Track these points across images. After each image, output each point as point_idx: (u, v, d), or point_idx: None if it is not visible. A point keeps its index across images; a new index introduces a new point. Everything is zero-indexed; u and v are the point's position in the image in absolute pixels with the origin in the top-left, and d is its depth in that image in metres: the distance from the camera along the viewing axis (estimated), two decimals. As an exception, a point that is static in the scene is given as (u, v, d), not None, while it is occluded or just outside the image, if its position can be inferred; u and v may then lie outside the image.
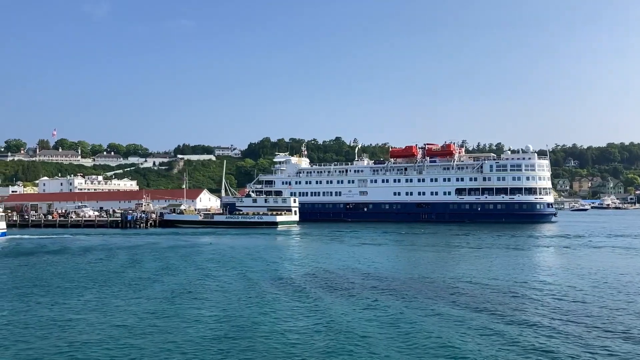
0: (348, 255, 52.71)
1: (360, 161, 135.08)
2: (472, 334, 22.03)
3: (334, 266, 43.53)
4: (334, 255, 52.04)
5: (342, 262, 46.21)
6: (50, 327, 23.99)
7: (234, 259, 49.04)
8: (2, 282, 36.53)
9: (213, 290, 32.77)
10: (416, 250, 59.12)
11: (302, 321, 24.60)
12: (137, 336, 22.39)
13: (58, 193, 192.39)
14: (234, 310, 27.08)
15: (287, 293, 31.56)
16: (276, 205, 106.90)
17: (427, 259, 49.24)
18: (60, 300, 30.03)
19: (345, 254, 53.33)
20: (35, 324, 24.54)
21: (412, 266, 44.33)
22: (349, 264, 45.29)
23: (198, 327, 23.74)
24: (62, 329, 23.67)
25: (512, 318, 24.71)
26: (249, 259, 49.02)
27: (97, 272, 40.84)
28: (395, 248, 62.09)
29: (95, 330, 23.38)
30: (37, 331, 23.34)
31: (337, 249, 59.14)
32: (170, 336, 22.38)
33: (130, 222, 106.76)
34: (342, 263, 45.73)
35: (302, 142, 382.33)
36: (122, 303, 29.16)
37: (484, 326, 23.31)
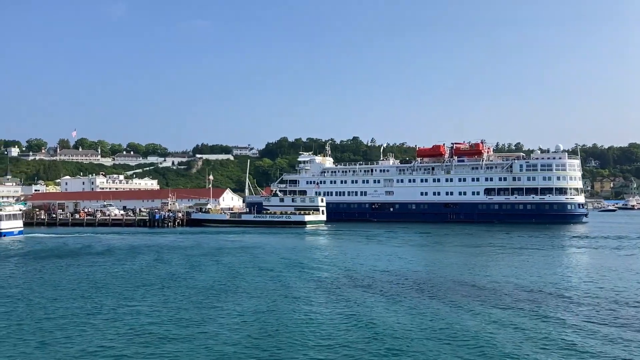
0: (385, 255, 51.98)
1: (385, 161, 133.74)
2: (516, 336, 21.99)
3: (375, 267, 42.83)
4: (372, 256, 51.26)
5: (381, 263, 45.47)
6: (134, 332, 23.28)
7: (289, 261, 48.27)
8: (61, 284, 35.47)
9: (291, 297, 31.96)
10: (451, 250, 58.15)
11: (343, 322, 24.38)
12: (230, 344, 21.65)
13: (81, 192, 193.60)
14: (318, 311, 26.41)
15: (337, 295, 30.93)
16: (304, 205, 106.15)
17: (464, 260, 48.45)
18: (134, 304, 28.93)
19: (382, 254, 52.63)
20: (116, 329, 23.80)
21: (448, 267, 43.60)
22: (388, 264, 44.56)
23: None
24: (141, 334, 23.00)
25: (555, 319, 24.60)
26: (300, 261, 48.20)
27: (159, 276, 38.75)
28: (430, 248, 61.10)
29: (181, 337, 22.59)
30: (124, 337, 22.70)
31: (374, 250, 58.21)
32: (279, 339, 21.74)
33: (158, 221, 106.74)
34: (382, 263, 44.99)
35: (319, 141, 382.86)
36: (195, 308, 28.41)
37: (527, 328, 23.15)
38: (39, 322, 24.92)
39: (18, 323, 24.85)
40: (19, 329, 23.78)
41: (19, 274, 40.96)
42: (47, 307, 28.27)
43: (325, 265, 44.23)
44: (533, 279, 36.35)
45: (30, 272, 41.36)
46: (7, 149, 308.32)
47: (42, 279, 37.79)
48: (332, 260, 47.48)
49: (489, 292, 31.41)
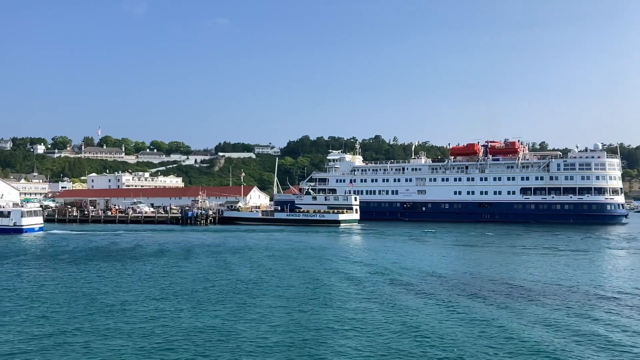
0: (428, 256, 50.91)
1: (417, 159, 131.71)
2: (569, 338, 21.84)
3: (420, 268, 41.67)
4: (416, 257, 50.12)
5: (426, 264, 44.28)
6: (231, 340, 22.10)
7: (346, 264, 47.00)
8: (136, 289, 33.23)
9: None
10: (494, 251, 56.49)
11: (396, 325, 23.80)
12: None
13: (107, 189, 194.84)
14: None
15: (390, 300, 29.66)
16: (337, 203, 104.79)
17: (508, 261, 47.25)
18: (214, 308, 27.67)
19: (425, 255, 51.63)
20: (211, 336, 22.65)
21: (492, 268, 42.51)
22: (433, 266, 43.40)
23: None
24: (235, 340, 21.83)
25: (609, 322, 24.40)
26: (353, 263, 46.96)
27: (229, 280, 36.14)
28: (471, 249, 59.30)
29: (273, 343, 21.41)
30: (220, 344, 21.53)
31: (417, 250, 56.91)
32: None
33: (191, 218, 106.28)
34: (426, 265, 43.83)
35: (341, 140, 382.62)
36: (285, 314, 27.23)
37: (580, 331, 23.01)
38: (129, 325, 23.96)
39: (113, 324, 23.92)
40: (117, 330, 22.82)
41: (86, 274, 39.14)
42: (125, 310, 27.31)
43: (373, 268, 42.38)
44: (583, 281, 35.96)
45: (104, 273, 39.79)
46: (33, 146, 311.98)
47: (111, 279, 36.70)
48: (380, 262, 45.64)
49: (537, 294, 31.27)
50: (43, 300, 29.37)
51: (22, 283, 35.07)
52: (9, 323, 24.13)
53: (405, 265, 43.03)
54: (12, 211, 77.02)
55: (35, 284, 34.50)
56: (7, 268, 42.07)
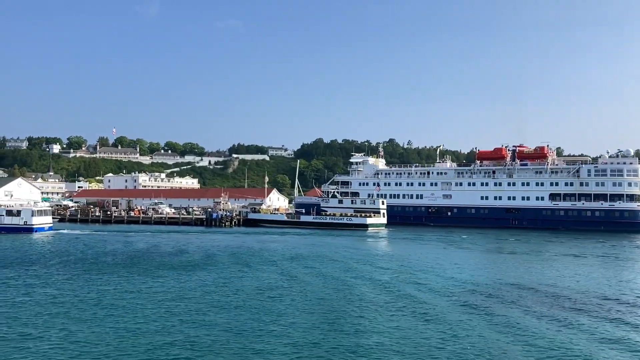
0: (465, 263, 49.30)
1: (442, 163, 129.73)
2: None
3: (460, 276, 40.01)
4: (452, 264, 48.34)
5: (463, 272, 42.56)
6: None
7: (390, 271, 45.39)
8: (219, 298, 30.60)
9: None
10: (531, 259, 54.42)
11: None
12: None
13: (124, 189, 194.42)
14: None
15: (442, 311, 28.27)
16: (364, 207, 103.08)
17: (545, 268, 45.86)
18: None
19: (461, 262, 49.81)
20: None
21: (531, 275, 41.16)
22: (471, 274, 41.72)
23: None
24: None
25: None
26: (397, 271, 45.32)
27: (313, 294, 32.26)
28: (507, 256, 57.32)
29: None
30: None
31: (451, 257, 55.05)
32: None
33: (215, 220, 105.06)
34: (464, 273, 42.12)
35: (354, 143, 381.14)
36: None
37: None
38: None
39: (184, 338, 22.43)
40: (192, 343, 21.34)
41: (151, 285, 34.96)
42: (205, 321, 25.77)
43: (424, 278, 40.50)
44: (624, 290, 34.99)
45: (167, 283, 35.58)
46: (48, 145, 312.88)
47: (197, 298, 30.82)
48: (427, 271, 43.73)
49: (577, 303, 30.41)
50: (128, 313, 27.52)
51: (86, 294, 31.34)
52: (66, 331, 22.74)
53: (451, 275, 41.04)
54: (22, 210, 76.64)
55: (110, 297, 30.35)
56: (44, 275, 38.14)
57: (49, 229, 78.10)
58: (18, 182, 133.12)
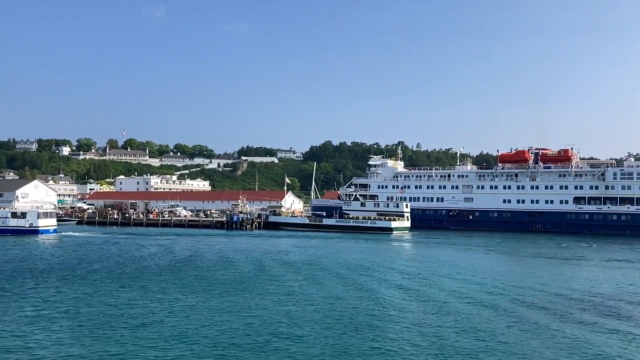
0: (499, 269, 47.50)
1: (462, 166, 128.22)
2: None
3: (498, 283, 38.20)
4: (489, 269, 46.73)
5: (516, 278, 40.92)
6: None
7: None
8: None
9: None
10: (568, 264, 52.71)
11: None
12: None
13: (136, 192, 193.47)
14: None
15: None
16: (387, 210, 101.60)
17: (580, 274, 44.48)
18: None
19: (497, 268, 48.14)
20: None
21: (569, 282, 39.62)
22: (509, 281, 39.75)
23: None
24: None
25: None
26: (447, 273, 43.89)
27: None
28: (540, 261, 55.66)
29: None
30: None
31: (485, 262, 53.51)
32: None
33: (236, 223, 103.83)
34: (518, 279, 40.43)
35: (363, 145, 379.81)
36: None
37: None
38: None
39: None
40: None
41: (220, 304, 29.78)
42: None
43: (465, 286, 39.05)
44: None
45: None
46: (58, 148, 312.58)
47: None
48: (476, 283, 41.63)
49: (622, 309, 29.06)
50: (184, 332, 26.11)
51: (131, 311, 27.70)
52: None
53: (490, 283, 38.97)
54: (28, 212, 76.05)
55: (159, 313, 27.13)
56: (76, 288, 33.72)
57: (54, 231, 77.54)
58: (34, 184, 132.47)
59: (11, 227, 72.90)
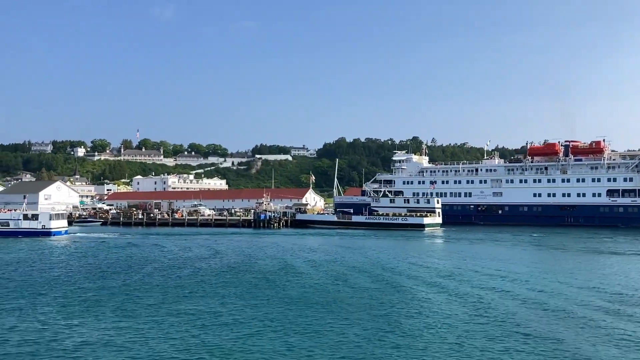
0: (573, 268, 44.71)
1: (490, 160, 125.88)
2: None
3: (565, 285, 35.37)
4: (553, 269, 44.22)
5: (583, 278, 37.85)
6: None
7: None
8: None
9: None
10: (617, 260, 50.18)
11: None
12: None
13: (154, 191, 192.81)
14: None
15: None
16: (418, 206, 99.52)
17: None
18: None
19: (565, 267, 45.40)
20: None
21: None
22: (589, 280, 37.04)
23: None
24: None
25: None
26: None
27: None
28: (592, 257, 53.28)
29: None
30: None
31: (555, 262, 51.15)
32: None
33: (264, 221, 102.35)
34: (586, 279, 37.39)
35: (378, 142, 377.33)
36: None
37: None
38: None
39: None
40: None
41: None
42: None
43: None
44: None
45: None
46: (73, 149, 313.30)
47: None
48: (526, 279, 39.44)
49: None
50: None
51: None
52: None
53: (552, 285, 35.55)
54: (40, 214, 75.37)
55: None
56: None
57: (65, 232, 76.84)
58: (57, 186, 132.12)
59: (23, 229, 72.18)
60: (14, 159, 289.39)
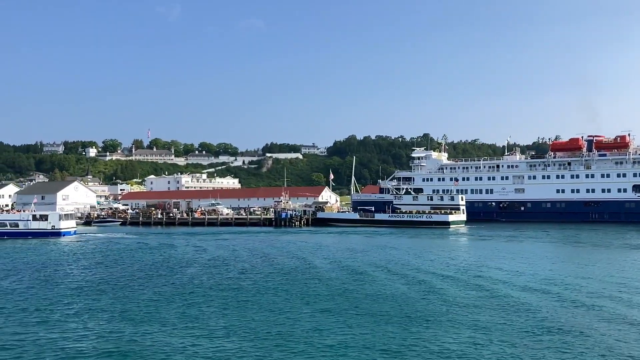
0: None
1: (511, 155, 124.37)
2: None
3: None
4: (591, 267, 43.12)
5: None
6: None
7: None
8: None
9: None
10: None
11: None
12: None
13: (167, 191, 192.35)
14: None
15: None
16: (442, 204, 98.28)
17: None
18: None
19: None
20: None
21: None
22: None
23: None
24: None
25: None
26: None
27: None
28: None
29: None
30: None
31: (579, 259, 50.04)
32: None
33: (285, 220, 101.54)
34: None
35: (388, 139, 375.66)
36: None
37: None
38: None
39: None
40: None
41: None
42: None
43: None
44: None
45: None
46: (84, 149, 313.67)
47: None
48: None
49: None
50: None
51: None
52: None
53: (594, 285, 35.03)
54: (50, 214, 74.97)
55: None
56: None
57: (74, 232, 76.59)
58: (75, 186, 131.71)
59: (33, 230, 71.73)
60: (26, 160, 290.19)
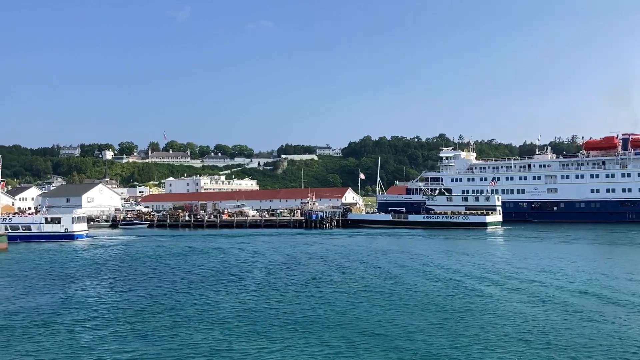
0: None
1: (543, 155, 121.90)
2: None
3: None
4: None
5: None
6: None
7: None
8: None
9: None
10: None
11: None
12: None
13: (187, 193, 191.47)
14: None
15: None
16: (477, 204, 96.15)
17: None
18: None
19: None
20: None
21: None
22: None
23: None
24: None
25: None
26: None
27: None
28: None
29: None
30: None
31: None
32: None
33: (315, 221, 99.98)
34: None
35: (404, 139, 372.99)
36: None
37: None
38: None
39: None
40: None
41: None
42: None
43: None
44: None
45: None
46: (101, 152, 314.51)
47: None
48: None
49: None
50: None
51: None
52: None
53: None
54: (62, 217, 74.33)
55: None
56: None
57: (86, 235, 75.92)
58: (99, 189, 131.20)
59: (46, 233, 70.95)
60: (44, 163, 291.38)
